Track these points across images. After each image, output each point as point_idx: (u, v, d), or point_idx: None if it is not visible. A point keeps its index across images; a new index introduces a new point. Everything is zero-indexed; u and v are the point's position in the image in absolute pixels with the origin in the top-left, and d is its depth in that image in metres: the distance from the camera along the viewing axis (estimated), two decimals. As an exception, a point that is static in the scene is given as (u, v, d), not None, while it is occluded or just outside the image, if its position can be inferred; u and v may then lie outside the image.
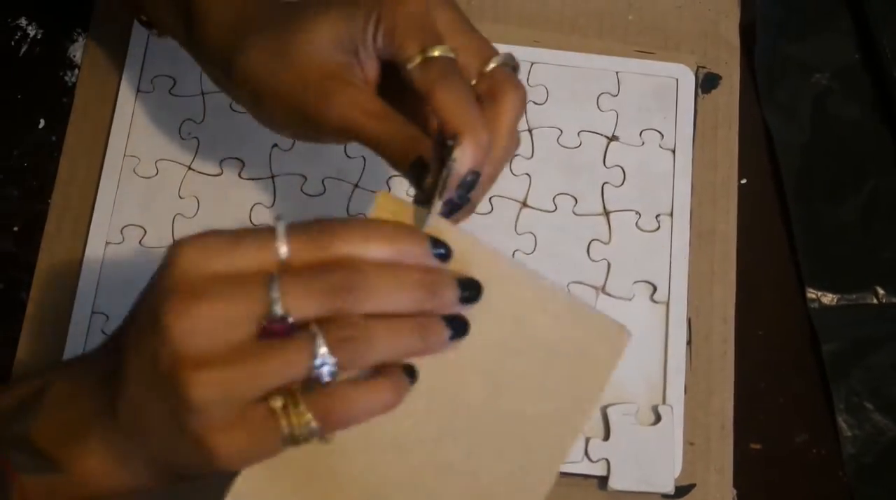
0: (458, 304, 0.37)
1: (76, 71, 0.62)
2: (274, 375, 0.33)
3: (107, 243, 0.58)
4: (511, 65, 0.42)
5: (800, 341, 0.59)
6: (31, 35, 0.63)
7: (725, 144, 0.61)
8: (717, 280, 0.59)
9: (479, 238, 0.40)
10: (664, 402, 0.56)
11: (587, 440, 0.55)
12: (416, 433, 0.39)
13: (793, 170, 0.61)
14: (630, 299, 0.58)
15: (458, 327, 0.37)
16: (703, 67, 0.63)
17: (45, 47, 0.63)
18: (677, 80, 0.62)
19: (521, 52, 0.62)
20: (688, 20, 0.64)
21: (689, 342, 0.57)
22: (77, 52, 0.63)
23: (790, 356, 0.59)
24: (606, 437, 0.55)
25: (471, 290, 0.37)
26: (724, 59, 0.63)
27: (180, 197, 0.59)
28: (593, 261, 0.59)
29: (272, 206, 0.59)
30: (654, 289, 0.58)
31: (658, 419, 0.56)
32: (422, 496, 0.40)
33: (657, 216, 0.60)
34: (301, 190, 0.59)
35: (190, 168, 0.60)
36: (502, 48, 0.45)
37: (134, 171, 0.60)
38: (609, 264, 0.58)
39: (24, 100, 0.62)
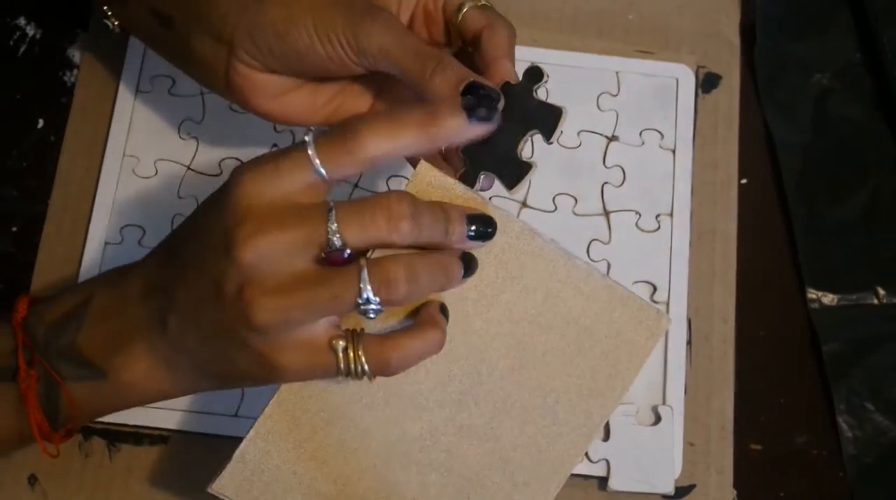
0: (468, 239, 0.40)
1: (75, 71, 0.62)
2: (325, 306, 0.37)
3: (106, 244, 0.58)
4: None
5: (800, 341, 0.59)
6: (30, 35, 0.63)
7: (726, 144, 0.61)
8: (717, 280, 0.59)
9: (515, 215, 0.43)
10: (664, 402, 0.56)
11: (587, 441, 0.55)
12: (437, 394, 0.41)
13: (793, 170, 0.61)
14: (630, 300, 0.58)
15: (471, 264, 0.40)
16: (704, 67, 0.63)
17: (45, 47, 0.63)
18: (677, 79, 0.62)
19: (521, 52, 0.61)
20: (688, 20, 0.64)
21: (689, 342, 0.57)
22: (76, 52, 0.63)
23: (790, 357, 0.59)
24: (606, 437, 0.55)
25: (478, 224, 0.40)
26: (724, 59, 0.63)
27: (179, 197, 0.59)
28: (593, 261, 0.58)
29: (271, 206, 0.59)
30: (654, 289, 0.58)
31: (658, 419, 0.56)
32: (440, 453, 0.42)
33: (657, 216, 0.59)
34: (300, 190, 0.59)
35: (189, 168, 0.60)
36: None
37: (133, 171, 0.59)
38: (609, 265, 0.58)
39: (23, 100, 0.62)
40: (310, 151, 0.37)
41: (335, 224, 0.36)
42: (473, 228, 0.40)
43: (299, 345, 0.37)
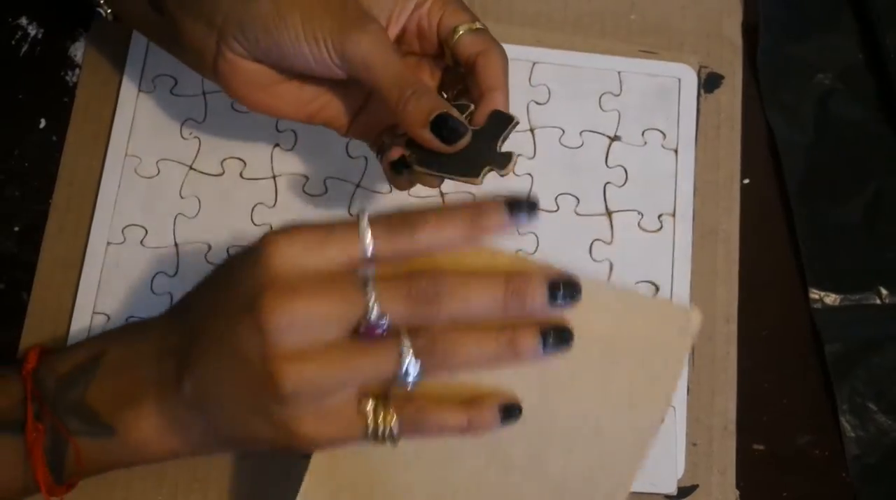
0: (547, 305, 0.36)
1: (77, 71, 0.62)
2: (362, 375, 0.35)
3: (108, 244, 0.58)
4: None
5: (803, 341, 0.59)
6: (31, 35, 0.63)
7: (728, 144, 0.61)
8: (719, 281, 0.59)
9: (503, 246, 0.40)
10: (667, 403, 0.56)
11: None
12: (468, 438, 0.39)
13: (796, 170, 0.61)
14: (633, 300, 0.58)
15: (557, 335, 0.37)
16: (706, 67, 0.63)
17: (46, 47, 0.63)
18: (680, 79, 0.62)
19: (524, 52, 0.62)
20: (690, 20, 0.64)
21: (691, 343, 0.57)
22: (78, 51, 0.62)
23: (793, 357, 0.59)
24: (609, 438, 0.55)
25: (565, 288, 0.37)
26: (726, 59, 0.63)
27: (182, 197, 0.59)
28: (595, 261, 0.58)
29: (274, 206, 0.59)
30: (657, 289, 0.58)
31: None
32: (490, 497, 0.40)
33: (659, 216, 0.59)
34: (303, 190, 0.59)
35: (191, 168, 0.60)
36: (505, 48, 0.47)
37: (135, 171, 0.59)
38: (611, 265, 0.58)
39: (25, 100, 0.62)
40: (363, 231, 0.36)
41: (374, 295, 0.34)
42: (560, 294, 0.36)
43: (326, 413, 0.36)
